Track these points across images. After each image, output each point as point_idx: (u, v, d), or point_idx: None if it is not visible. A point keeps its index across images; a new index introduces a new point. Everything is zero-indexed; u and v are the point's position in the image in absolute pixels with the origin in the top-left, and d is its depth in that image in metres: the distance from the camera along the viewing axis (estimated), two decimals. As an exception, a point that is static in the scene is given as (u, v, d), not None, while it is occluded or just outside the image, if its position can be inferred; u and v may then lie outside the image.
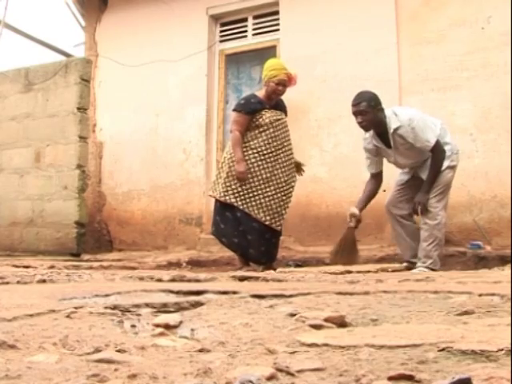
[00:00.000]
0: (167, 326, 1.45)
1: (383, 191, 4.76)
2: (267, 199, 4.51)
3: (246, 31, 6.59)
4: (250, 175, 4.52)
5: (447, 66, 5.24)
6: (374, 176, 4.35)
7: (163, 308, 1.81)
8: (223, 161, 4.69)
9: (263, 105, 4.61)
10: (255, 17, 6.54)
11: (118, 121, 6.98)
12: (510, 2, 4.79)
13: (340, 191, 5.50)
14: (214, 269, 4.90)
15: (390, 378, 0.90)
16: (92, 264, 4.72)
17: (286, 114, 4.80)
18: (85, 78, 6.47)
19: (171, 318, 1.52)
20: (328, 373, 0.97)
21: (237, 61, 6.66)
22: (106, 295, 2.06)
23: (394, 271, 3.75)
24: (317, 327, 1.40)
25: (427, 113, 4.93)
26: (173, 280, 2.87)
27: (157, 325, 1.47)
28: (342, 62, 5.69)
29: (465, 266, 4.54)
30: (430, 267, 3.98)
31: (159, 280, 2.88)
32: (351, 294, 1.98)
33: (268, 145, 4.56)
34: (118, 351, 1.17)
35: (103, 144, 7.10)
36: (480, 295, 1.84)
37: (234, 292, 2.09)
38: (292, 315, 1.55)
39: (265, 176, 4.53)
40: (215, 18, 6.72)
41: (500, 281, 2.33)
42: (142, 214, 6.74)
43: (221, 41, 6.73)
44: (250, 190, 4.51)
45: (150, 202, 6.70)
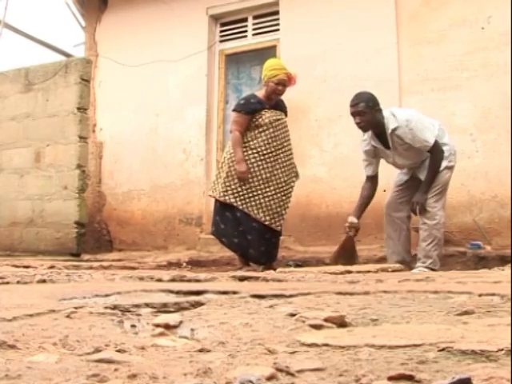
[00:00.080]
0: (167, 326, 1.45)
1: (383, 191, 4.76)
2: (267, 199, 4.51)
3: (246, 31, 6.59)
4: (250, 175, 4.52)
5: (447, 66, 5.24)
6: (370, 179, 4.34)
7: (163, 308, 1.81)
8: (223, 161, 4.70)
9: (263, 105, 4.61)
10: (255, 17, 6.54)
11: (118, 121, 6.98)
12: (510, 2, 4.79)
13: (340, 191, 5.51)
14: (214, 269, 4.90)
15: (390, 378, 0.90)
16: (92, 264, 4.72)
17: (286, 115, 4.80)
18: (85, 78, 6.48)
19: (171, 318, 1.52)
20: (328, 373, 0.97)
21: (237, 61, 6.66)
22: (106, 295, 2.06)
23: (394, 271, 3.75)
24: (317, 327, 1.40)
25: (427, 113, 4.93)
26: (173, 280, 2.86)
27: (157, 325, 1.47)
28: (342, 62, 5.69)
29: (465, 266, 4.54)
30: (430, 267, 3.99)
31: (159, 280, 2.88)
32: (351, 294, 1.98)
33: (268, 145, 4.56)
34: (118, 351, 1.17)
35: (103, 144, 7.10)
36: (480, 295, 1.84)
37: (234, 292, 2.09)
38: (292, 315, 1.54)
39: (264, 176, 4.53)
40: (215, 18, 6.72)
41: (500, 281, 2.33)
42: (142, 214, 6.74)
43: (221, 41, 6.73)
44: (250, 190, 4.51)
45: (150, 202, 6.70)
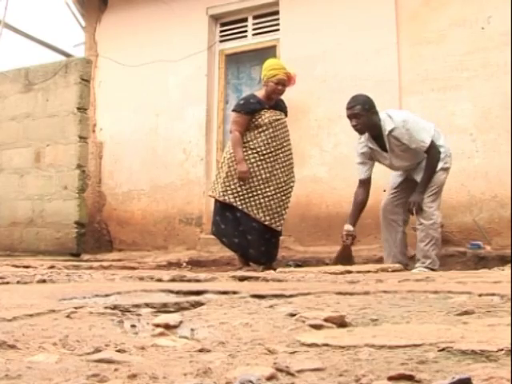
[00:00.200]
0: (167, 326, 1.45)
1: (383, 191, 4.76)
2: (267, 199, 4.51)
3: (246, 31, 6.59)
4: (250, 175, 4.52)
5: (447, 66, 5.24)
6: (363, 183, 4.29)
7: (163, 308, 1.81)
8: (223, 161, 4.69)
9: (262, 105, 4.61)
10: (255, 17, 6.54)
11: (118, 121, 6.98)
12: (510, 2, 4.79)
13: (340, 191, 5.51)
14: (214, 269, 4.90)
15: (390, 378, 0.90)
16: (92, 264, 4.71)
17: (287, 115, 4.80)
18: (85, 78, 6.48)
19: (171, 318, 1.52)
20: (328, 373, 0.97)
21: (237, 61, 6.66)
22: (106, 295, 2.06)
23: (394, 271, 3.75)
24: (317, 327, 1.40)
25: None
26: (173, 280, 2.86)
27: (157, 325, 1.47)
28: (342, 62, 5.69)
29: (465, 266, 4.54)
30: (430, 267, 3.99)
31: (159, 280, 2.88)
32: (351, 294, 1.98)
33: (267, 145, 4.56)
34: (118, 351, 1.17)
35: (103, 144, 7.10)
36: (480, 295, 1.84)
37: (234, 292, 2.09)
38: (292, 315, 1.54)
39: (264, 176, 4.53)
40: (215, 18, 6.72)
41: (500, 281, 2.33)
42: (142, 214, 6.74)
43: (221, 41, 6.73)
44: (250, 190, 4.51)
45: (150, 202, 6.70)
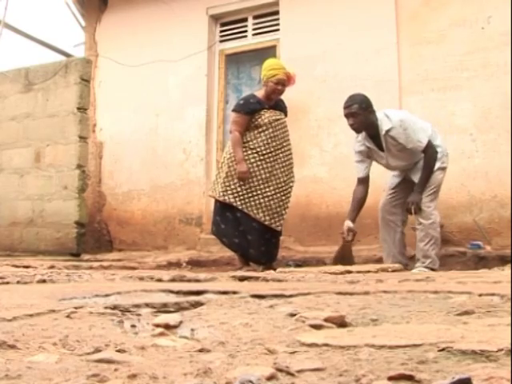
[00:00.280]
0: (167, 326, 1.45)
1: (383, 191, 4.76)
2: (266, 199, 4.51)
3: (246, 31, 6.60)
4: (250, 175, 4.52)
5: (447, 66, 5.24)
6: (362, 181, 4.30)
7: (163, 308, 1.81)
8: (223, 161, 4.70)
9: (262, 105, 4.61)
10: (255, 17, 6.54)
11: (118, 121, 6.99)
12: (510, 2, 4.79)
13: (340, 191, 5.51)
14: (214, 269, 4.90)
15: (390, 378, 0.90)
16: (92, 264, 4.71)
17: (286, 115, 4.80)
18: (85, 78, 6.48)
19: (171, 318, 1.52)
20: (328, 373, 0.97)
21: (237, 61, 6.66)
22: (106, 295, 2.06)
23: (394, 271, 3.75)
24: (317, 327, 1.40)
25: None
26: (173, 280, 2.86)
27: (157, 325, 1.47)
28: (342, 62, 5.69)
29: (465, 266, 4.54)
30: (430, 267, 4.00)
31: (159, 280, 2.88)
32: (351, 294, 1.98)
33: (267, 145, 4.56)
34: (118, 351, 1.17)
35: (103, 144, 7.10)
36: (480, 295, 1.83)
37: (234, 292, 2.09)
38: (292, 315, 1.54)
39: (264, 176, 4.53)
40: (215, 18, 6.72)
41: (500, 281, 2.33)
42: (142, 214, 6.74)
43: (221, 41, 6.74)
44: (250, 190, 4.51)
45: (150, 202, 6.70)
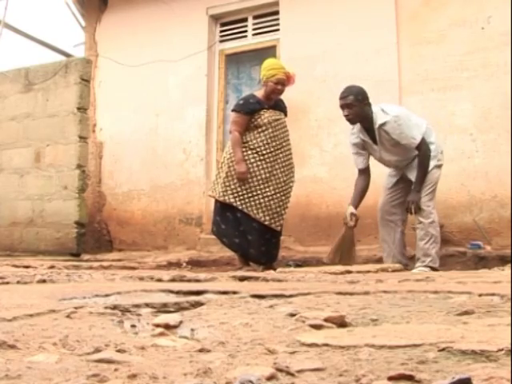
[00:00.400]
0: (167, 326, 1.45)
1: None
2: (266, 199, 4.51)
3: (246, 31, 6.59)
4: (249, 175, 4.52)
5: (447, 66, 5.24)
6: (363, 172, 4.37)
7: (163, 308, 1.81)
8: (223, 161, 4.70)
9: (262, 105, 4.61)
10: (255, 17, 6.54)
11: (118, 121, 6.98)
12: (510, 2, 4.79)
13: (340, 191, 5.50)
14: (214, 269, 4.90)
15: (390, 378, 0.90)
16: (92, 264, 4.71)
17: (286, 115, 4.80)
18: (85, 78, 6.47)
19: (171, 318, 1.52)
20: (328, 373, 0.97)
21: (237, 61, 6.66)
22: (106, 295, 2.06)
23: (394, 271, 3.76)
24: (317, 327, 1.40)
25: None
26: (173, 280, 2.86)
27: (157, 325, 1.47)
28: (342, 62, 5.69)
29: (465, 266, 4.54)
30: (430, 265, 4.01)
31: (159, 280, 2.88)
32: (351, 294, 1.98)
33: (267, 145, 4.56)
34: (118, 351, 1.17)
35: (103, 144, 7.10)
36: (480, 295, 1.84)
37: (234, 292, 2.09)
38: (292, 315, 1.54)
39: (264, 176, 4.53)
40: (215, 18, 6.72)
41: (500, 281, 2.33)
42: (142, 214, 6.74)
43: (221, 41, 6.73)
44: (249, 190, 4.51)
45: (150, 202, 6.70)
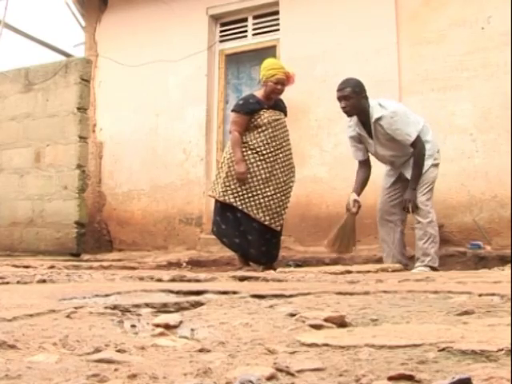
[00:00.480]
0: (167, 326, 1.45)
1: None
2: (266, 199, 4.51)
3: (246, 31, 6.59)
4: (249, 175, 4.52)
5: (447, 66, 5.24)
6: (363, 163, 4.41)
7: (163, 308, 1.81)
8: (223, 161, 4.70)
9: (262, 105, 4.61)
10: (255, 17, 6.54)
11: (118, 121, 6.98)
12: (510, 2, 4.79)
13: (340, 191, 5.50)
14: (214, 269, 4.90)
15: (390, 378, 0.90)
16: (92, 264, 4.71)
17: (286, 115, 4.80)
18: (85, 78, 6.47)
19: (171, 318, 1.52)
20: (328, 373, 0.97)
21: (237, 61, 6.66)
22: (106, 295, 2.06)
23: (394, 271, 3.76)
24: (317, 327, 1.40)
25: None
26: (173, 280, 2.87)
27: (157, 325, 1.47)
28: (342, 62, 5.69)
29: (465, 266, 4.54)
30: (430, 265, 4.01)
31: (159, 280, 2.88)
32: (351, 294, 1.98)
33: (267, 145, 4.56)
34: (118, 351, 1.17)
35: (103, 144, 7.10)
36: (480, 295, 1.84)
37: (234, 292, 2.09)
38: (292, 315, 1.54)
39: (264, 176, 4.53)
40: (215, 18, 6.72)
41: (500, 281, 2.33)
42: (142, 214, 6.74)
43: (221, 41, 6.73)
44: (249, 190, 4.51)
45: (150, 202, 6.70)
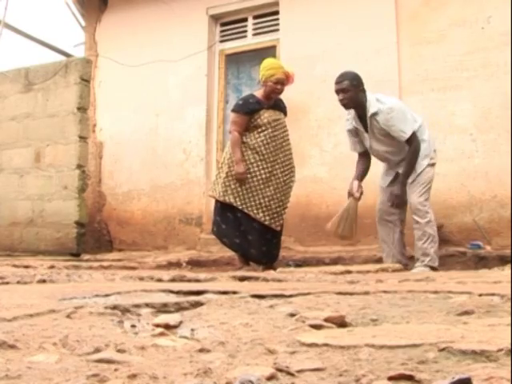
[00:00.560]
0: (167, 326, 1.45)
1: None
2: (266, 199, 4.51)
3: (246, 31, 6.59)
4: (249, 175, 4.52)
5: (447, 66, 5.24)
6: (362, 154, 4.43)
7: (163, 308, 1.81)
8: (223, 161, 4.70)
9: (261, 105, 4.61)
10: (255, 17, 6.54)
11: (118, 121, 6.98)
12: (510, 2, 4.79)
13: (340, 191, 5.49)
14: (214, 269, 4.90)
15: (390, 378, 0.90)
16: (92, 264, 4.71)
17: (286, 114, 4.80)
18: (85, 78, 6.47)
19: (171, 318, 1.52)
20: (328, 373, 0.97)
21: (237, 61, 6.66)
22: (106, 295, 2.06)
23: (394, 271, 3.76)
24: (317, 327, 1.40)
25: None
26: (173, 280, 2.87)
27: (157, 325, 1.47)
28: (342, 62, 5.67)
29: (465, 266, 4.54)
30: (429, 264, 4.01)
31: (159, 280, 2.88)
32: (351, 294, 1.98)
33: (267, 145, 4.56)
34: (118, 351, 1.17)
35: (103, 144, 7.10)
36: (480, 295, 1.84)
37: (234, 292, 2.09)
38: (292, 315, 1.54)
39: (264, 176, 4.52)
40: (215, 18, 6.72)
41: (500, 281, 2.33)
42: (142, 214, 6.73)
43: (221, 41, 6.73)
44: (250, 190, 4.51)
45: (150, 202, 6.70)
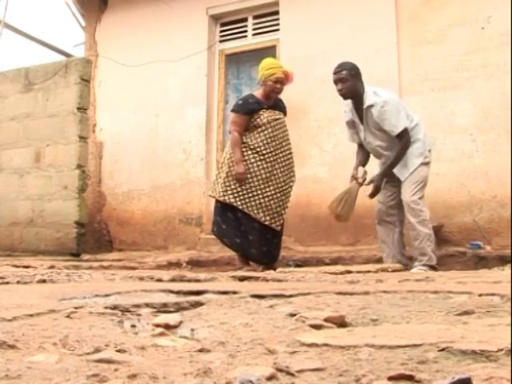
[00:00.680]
0: (167, 326, 1.45)
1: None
2: (266, 199, 4.51)
3: (246, 31, 6.60)
4: (250, 175, 4.52)
5: (447, 66, 5.24)
6: (361, 145, 4.47)
7: (163, 308, 1.81)
8: (223, 161, 4.70)
9: (261, 105, 4.61)
10: (255, 17, 6.55)
11: (118, 121, 6.98)
12: (510, 2, 4.79)
13: (340, 191, 5.49)
14: (214, 269, 4.90)
15: (390, 378, 0.90)
16: (92, 264, 4.71)
17: (286, 114, 4.80)
18: (85, 78, 6.48)
19: (171, 318, 1.52)
20: (328, 373, 0.97)
21: (237, 61, 6.66)
22: (106, 295, 2.06)
23: (394, 271, 3.76)
24: (317, 327, 1.40)
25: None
26: (173, 280, 2.86)
27: (157, 325, 1.47)
28: (342, 62, 5.69)
29: (465, 266, 4.54)
30: (428, 264, 4.00)
31: (159, 280, 2.88)
32: (351, 294, 1.98)
33: (267, 145, 4.56)
34: (118, 351, 1.17)
35: (103, 144, 7.10)
36: (480, 295, 1.83)
37: (234, 292, 2.09)
38: (292, 315, 1.54)
39: (264, 176, 4.53)
40: (215, 18, 6.72)
41: (500, 281, 2.33)
42: (142, 214, 6.74)
43: (221, 41, 6.74)
44: (250, 190, 4.51)
45: (150, 202, 6.70)
